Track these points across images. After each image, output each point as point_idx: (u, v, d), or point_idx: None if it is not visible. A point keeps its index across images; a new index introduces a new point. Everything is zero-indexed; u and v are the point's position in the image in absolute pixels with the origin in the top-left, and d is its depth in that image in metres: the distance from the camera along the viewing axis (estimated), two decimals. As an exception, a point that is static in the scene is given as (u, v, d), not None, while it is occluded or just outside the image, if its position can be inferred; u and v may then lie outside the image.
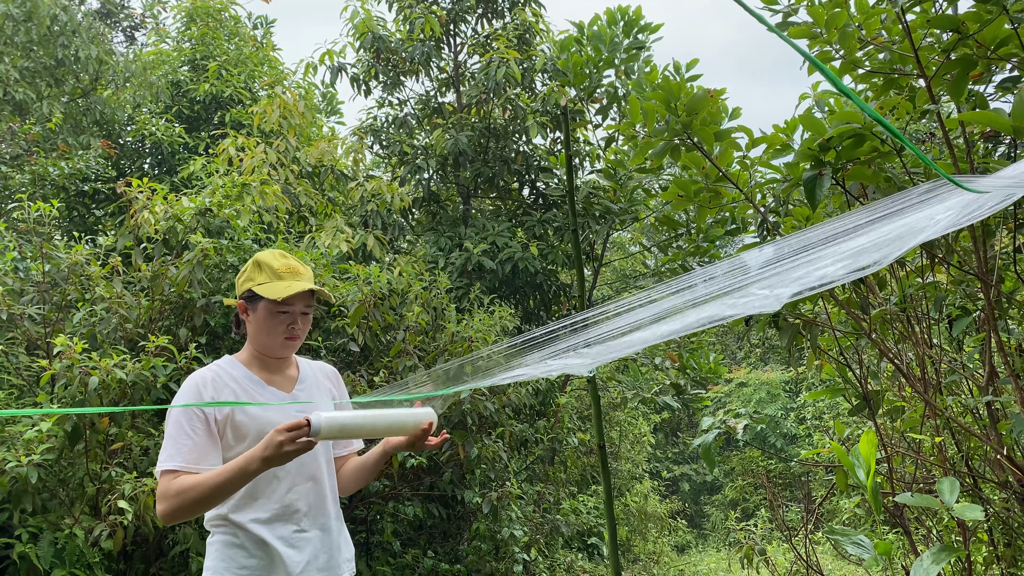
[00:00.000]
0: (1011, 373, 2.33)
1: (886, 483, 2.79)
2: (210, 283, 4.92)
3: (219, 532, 2.06)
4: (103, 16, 11.37)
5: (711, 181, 2.77)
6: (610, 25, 8.78)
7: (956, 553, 1.78)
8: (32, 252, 4.83)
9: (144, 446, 4.26)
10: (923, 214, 1.52)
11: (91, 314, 4.56)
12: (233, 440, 2.00)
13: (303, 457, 1.99)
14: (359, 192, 7.69)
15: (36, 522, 3.72)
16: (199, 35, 10.05)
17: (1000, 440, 2.50)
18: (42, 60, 9.18)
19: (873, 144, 2.36)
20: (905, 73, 2.49)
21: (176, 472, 1.92)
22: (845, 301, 2.87)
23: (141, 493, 3.77)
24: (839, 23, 2.42)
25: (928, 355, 2.80)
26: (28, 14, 8.85)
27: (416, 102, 10.10)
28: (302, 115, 7.70)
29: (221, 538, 2.04)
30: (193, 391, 2.01)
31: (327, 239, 6.22)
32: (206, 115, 9.72)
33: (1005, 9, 2.05)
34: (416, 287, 5.53)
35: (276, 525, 2.03)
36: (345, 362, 5.33)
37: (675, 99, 2.67)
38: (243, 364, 2.15)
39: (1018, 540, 2.93)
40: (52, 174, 7.89)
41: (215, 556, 2.04)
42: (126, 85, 9.91)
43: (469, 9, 9.70)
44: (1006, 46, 2.15)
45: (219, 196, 5.47)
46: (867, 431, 1.92)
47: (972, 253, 2.47)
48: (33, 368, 4.49)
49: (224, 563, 2.01)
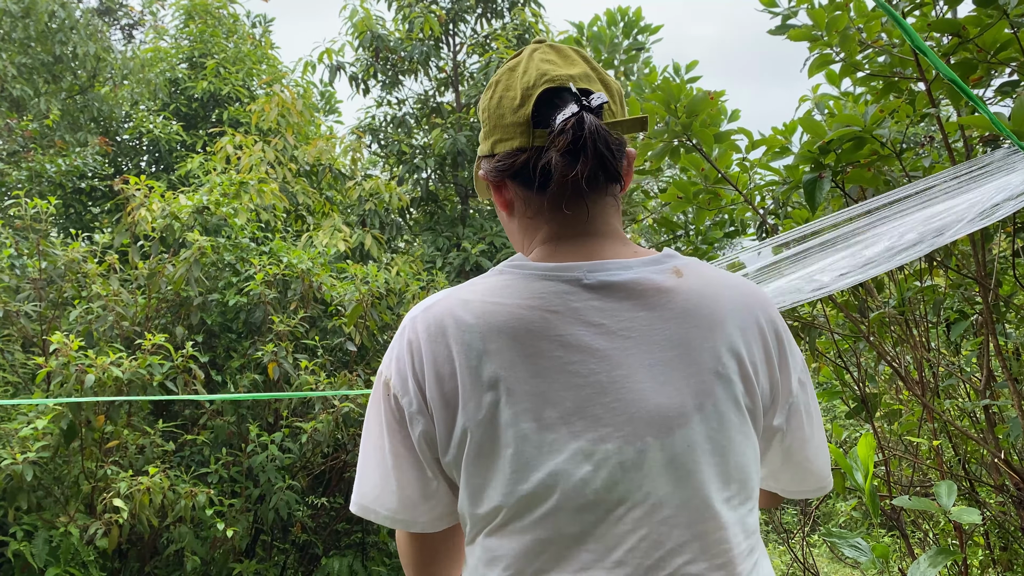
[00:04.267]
0: (1008, 377, 2.33)
1: (883, 486, 2.79)
2: (207, 281, 4.91)
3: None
4: (101, 13, 11.34)
5: (710, 183, 2.76)
6: (610, 26, 8.78)
7: (953, 556, 1.78)
8: (28, 249, 4.82)
9: (140, 444, 4.25)
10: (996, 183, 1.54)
11: (87, 311, 4.54)
12: None
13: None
14: (357, 191, 7.68)
15: (31, 520, 3.70)
16: (197, 32, 10.03)
17: (997, 444, 2.50)
18: (40, 56, 9.15)
19: (873, 147, 2.36)
20: (905, 76, 2.49)
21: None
22: (843, 304, 2.87)
23: (136, 491, 3.76)
24: (840, 26, 2.42)
25: (926, 358, 2.80)
26: (26, 10, 8.82)
27: (415, 101, 10.09)
28: (300, 113, 7.69)
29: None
30: None
31: (324, 238, 6.21)
32: (204, 113, 9.70)
33: (1005, 13, 2.05)
34: (414, 287, 5.53)
35: None
36: (342, 361, 5.32)
37: (675, 100, 2.66)
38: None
39: (1014, 544, 2.93)
40: (49, 171, 7.87)
41: None
42: (124, 82, 9.89)
43: (468, 9, 9.69)
44: (1006, 50, 2.15)
45: (216, 194, 5.46)
46: (865, 434, 1.92)
47: (970, 257, 2.47)
48: (29, 365, 4.48)
49: None
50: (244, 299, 4.84)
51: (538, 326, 0.90)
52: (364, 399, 4.66)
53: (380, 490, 0.97)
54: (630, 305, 0.92)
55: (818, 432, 1.05)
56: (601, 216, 0.99)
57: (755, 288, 1.00)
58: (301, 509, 4.67)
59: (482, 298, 0.93)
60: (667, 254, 0.97)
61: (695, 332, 0.91)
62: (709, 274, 0.97)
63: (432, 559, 1.05)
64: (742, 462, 0.92)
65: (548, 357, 0.89)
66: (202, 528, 4.25)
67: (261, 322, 4.84)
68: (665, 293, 0.93)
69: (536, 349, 0.89)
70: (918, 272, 2.82)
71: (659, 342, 0.90)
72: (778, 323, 0.99)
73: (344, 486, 5.08)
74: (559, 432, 0.88)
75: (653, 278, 0.93)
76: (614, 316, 0.91)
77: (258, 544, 4.93)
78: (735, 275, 1.01)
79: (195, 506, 3.95)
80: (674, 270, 0.95)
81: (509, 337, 0.90)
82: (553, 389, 0.88)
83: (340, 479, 5.03)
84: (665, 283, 0.93)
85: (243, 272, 5.08)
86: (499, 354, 0.89)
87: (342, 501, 5.05)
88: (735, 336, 0.92)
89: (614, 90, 0.99)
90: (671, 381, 0.89)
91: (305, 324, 5.00)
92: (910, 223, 1.65)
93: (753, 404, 0.93)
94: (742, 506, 0.92)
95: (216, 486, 4.33)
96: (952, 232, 1.59)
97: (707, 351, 0.91)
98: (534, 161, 0.93)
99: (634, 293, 0.92)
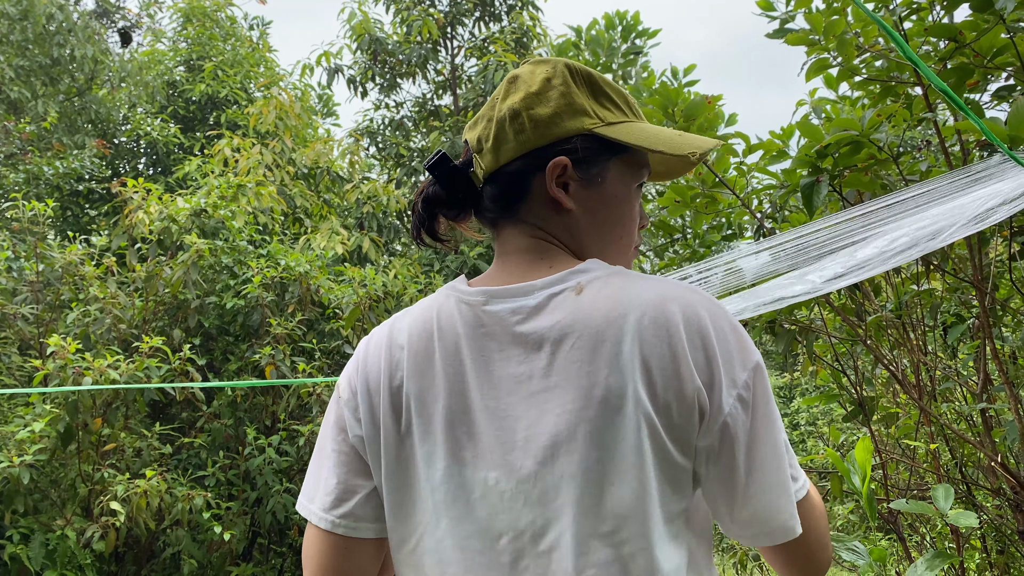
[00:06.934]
0: (1005, 380, 2.33)
1: (880, 489, 2.80)
2: (204, 284, 4.91)
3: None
4: (99, 16, 11.35)
5: (708, 187, 2.77)
6: (608, 29, 8.80)
7: (950, 560, 1.78)
8: (26, 251, 4.81)
9: (137, 447, 4.24)
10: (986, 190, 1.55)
11: (85, 314, 4.54)
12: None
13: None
14: (355, 194, 7.68)
15: (27, 523, 3.70)
16: (195, 35, 10.04)
17: (994, 447, 2.51)
18: (37, 59, 9.15)
19: (870, 151, 2.37)
20: (902, 81, 2.50)
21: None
22: (840, 307, 2.88)
23: (133, 494, 3.76)
24: (837, 30, 2.42)
25: (923, 362, 2.81)
26: (24, 13, 8.82)
27: (413, 104, 10.10)
28: (298, 116, 7.69)
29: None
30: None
31: (322, 241, 6.21)
32: (202, 115, 9.70)
33: (1002, 19, 2.06)
34: (411, 290, 5.53)
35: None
36: (340, 364, 5.32)
37: (672, 104, 2.67)
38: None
39: (1011, 547, 2.93)
40: (47, 173, 7.86)
41: None
42: (121, 85, 9.88)
43: (466, 12, 9.71)
44: (1002, 55, 2.16)
45: (214, 197, 5.46)
46: (863, 437, 1.92)
47: (967, 261, 2.48)
48: (26, 368, 4.47)
49: None
50: (241, 302, 4.84)
51: (434, 346, 0.92)
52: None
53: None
54: (519, 335, 0.89)
55: (767, 464, 0.86)
56: (516, 236, 0.99)
57: (675, 291, 0.87)
58: (298, 512, 4.66)
59: (413, 316, 0.98)
60: (578, 270, 0.92)
61: (576, 354, 0.85)
62: (615, 285, 0.89)
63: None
64: (624, 495, 0.82)
65: (437, 377, 0.91)
66: (199, 531, 4.24)
67: (259, 325, 4.84)
68: (556, 315, 0.88)
69: (431, 367, 0.92)
70: (915, 276, 2.83)
71: (541, 370, 0.87)
72: (706, 329, 0.85)
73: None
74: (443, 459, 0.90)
75: (548, 304, 0.89)
76: (500, 349, 0.89)
77: (255, 547, 4.92)
78: (656, 280, 0.90)
79: (192, 509, 3.95)
80: (576, 287, 0.89)
81: (414, 352, 0.94)
82: (436, 412, 0.90)
83: (337, 482, 5.02)
84: (559, 306, 0.88)
85: (241, 275, 5.08)
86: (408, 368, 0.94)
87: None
88: (629, 352, 0.83)
89: (509, 115, 0.96)
90: (549, 411, 0.85)
91: (303, 327, 5.00)
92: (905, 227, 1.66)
93: (661, 427, 0.82)
94: (626, 545, 0.82)
95: (213, 489, 4.32)
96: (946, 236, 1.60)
97: (588, 375, 0.84)
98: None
99: (525, 321, 0.89)
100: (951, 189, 1.62)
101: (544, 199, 0.96)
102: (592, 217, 0.97)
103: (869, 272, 1.78)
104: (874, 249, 1.70)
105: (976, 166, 1.65)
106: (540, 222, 0.97)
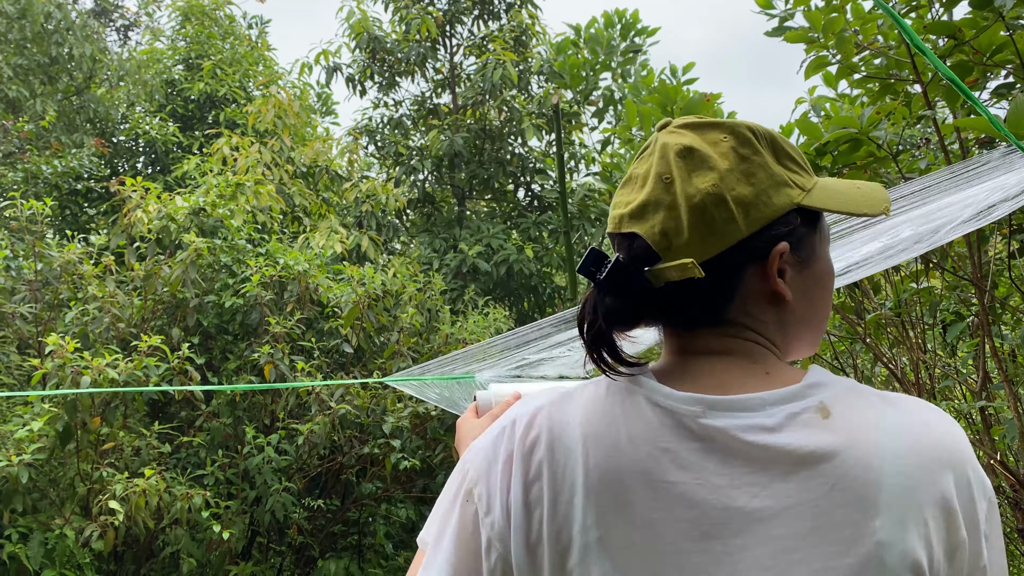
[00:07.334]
0: (1004, 378, 2.33)
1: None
2: (203, 283, 4.90)
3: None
4: (97, 14, 11.33)
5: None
6: (607, 28, 8.80)
7: (950, 558, 1.78)
8: (24, 250, 4.80)
9: (136, 446, 4.24)
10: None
11: (83, 313, 4.53)
12: None
13: None
14: (354, 193, 7.68)
15: (26, 522, 3.69)
16: (194, 34, 10.03)
17: (993, 445, 2.51)
18: (36, 57, 9.13)
19: (869, 149, 2.37)
20: (901, 78, 2.50)
21: None
22: (840, 306, 2.88)
23: (132, 494, 3.75)
24: (836, 28, 2.42)
25: (922, 360, 2.80)
26: (22, 11, 8.81)
27: (411, 103, 10.09)
28: (297, 115, 7.69)
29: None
30: None
31: (321, 240, 6.20)
32: (200, 114, 9.69)
33: (1001, 16, 2.06)
34: (410, 288, 5.53)
35: None
36: (338, 363, 5.31)
37: (671, 103, 2.67)
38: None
39: (1010, 545, 2.93)
40: (45, 172, 7.85)
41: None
42: (120, 83, 9.87)
43: (465, 10, 9.70)
44: (1002, 53, 2.16)
45: (213, 196, 5.45)
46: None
47: (966, 259, 2.48)
48: (24, 367, 4.47)
49: None
50: (240, 301, 4.83)
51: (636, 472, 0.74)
52: (362, 399, 4.65)
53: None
54: (756, 460, 0.72)
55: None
56: (712, 338, 0.82)
57: (935, 422, 0.73)
58: (297, 511, 4.66)
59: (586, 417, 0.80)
60: (812, 383, 0.75)
61: (839, 496, 0.69)
62: (862, 407, 0.74)
63: None
64: None
65: (642, 513, 0.73)
66: (198, 530, 4.24)
67: (257, 324, 4.83)
68: (802, 439, 0.72)
69: (628, 500, 0.74)
70: (914, 274, 2.83)
71: (786, 508, 0.70)
72: (968, 474, 0.72)
73: (340, 488, 5.07)
74: None
75: (788, 425, 0.73)
76: (727, 474, 0.72)
77: (254, 546, 4.92)
78: (905, 403, 0.75)
79: (191, 508, 3.94)
80: (820, 408, 0.73)
81: (604, 481, 0.75)
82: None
83: (336, 481, 5.02)
84: (803, 429, 0.72)
85: (239, 274, 5.07)
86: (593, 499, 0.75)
87: (338, 503, 5.04)
88: (903, 499, 0.69)
89: (702, 194, 0.78)
90: (799, 562, 0.69)
91: (301, 326, 4.99)
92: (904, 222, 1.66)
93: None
94: None
95: (212, 488, 4.32)
96: (946, 231, 1.60)
97: (856, 524, 0.69)
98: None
99: (763, 444, 0.72)
100: (953, 183, 1.62)
101: (760, 293, 0.81)
102: (808, 304, 0.84)
103: (869, 270, 1.78)
104: (875, 246, 1.70)
105: (977, 159, 1.64)
106: (750, 321, 0.82)
